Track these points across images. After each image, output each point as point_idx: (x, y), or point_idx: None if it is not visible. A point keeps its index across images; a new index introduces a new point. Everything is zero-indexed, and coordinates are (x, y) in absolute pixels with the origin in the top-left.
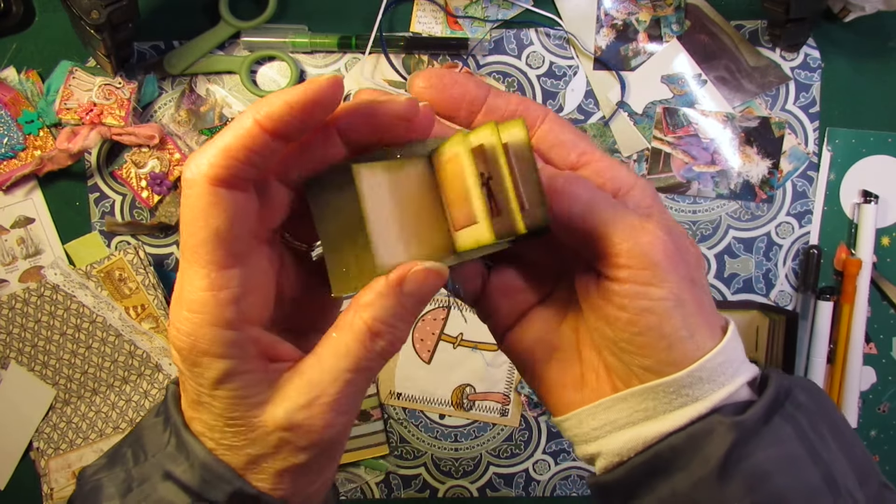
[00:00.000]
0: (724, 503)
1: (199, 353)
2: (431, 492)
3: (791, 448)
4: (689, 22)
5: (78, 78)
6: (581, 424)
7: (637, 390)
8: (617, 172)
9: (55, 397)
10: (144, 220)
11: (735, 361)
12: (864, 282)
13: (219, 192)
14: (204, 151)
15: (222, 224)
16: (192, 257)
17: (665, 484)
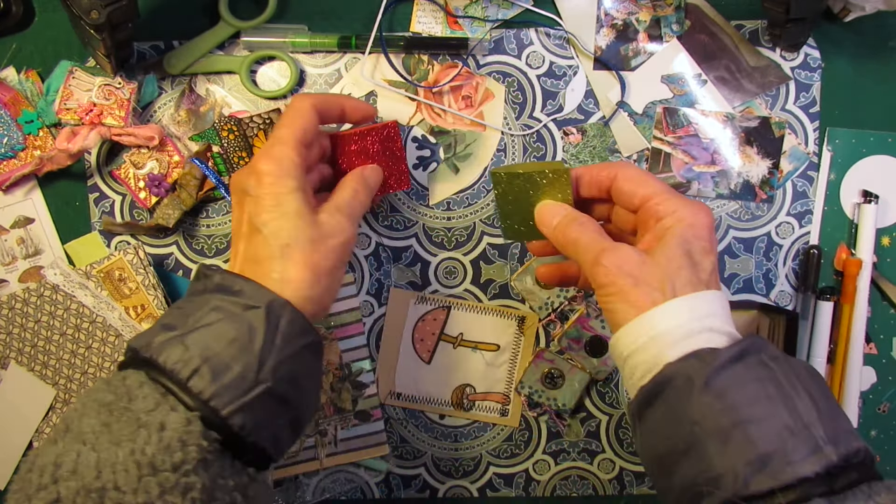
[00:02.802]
0: (702, 410)
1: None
2: (431, 492)
3: (760, 375)
4: (689, 22)
5: (78, 78)
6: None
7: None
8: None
9: (55, 397)
10: (143, 221)
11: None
12: (865, 282)
13: (314, 113)
14: (315, 95)
15: (308, 126)
16: (284, 134)
17: (662, 402)
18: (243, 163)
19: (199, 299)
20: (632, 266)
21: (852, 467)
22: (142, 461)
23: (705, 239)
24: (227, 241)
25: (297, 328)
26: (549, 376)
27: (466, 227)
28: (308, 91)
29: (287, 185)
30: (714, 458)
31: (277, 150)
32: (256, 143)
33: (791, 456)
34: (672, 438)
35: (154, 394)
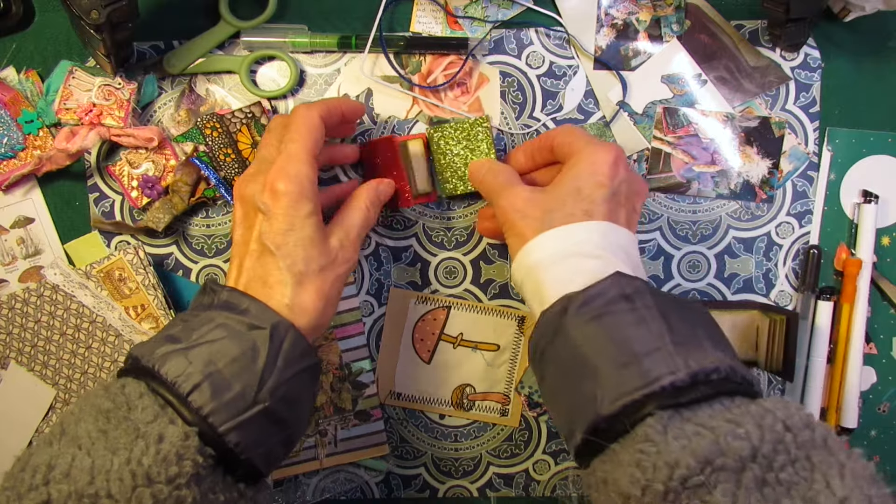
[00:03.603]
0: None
1: (301, 195)
2: (431, 492)
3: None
4: (689, 22)
5: (77, 78)
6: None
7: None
8: (573, 148)
9: (55, 397)
10: (142, 222)
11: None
12: (865, 282)
13: (322, 124)
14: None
15: (319, 138)
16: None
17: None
18: (229, 160)
19: (204, 315)
20: (520, 202)
21: (706, 383)
22: (137, 471)
23: (601, 174)
24: (226, 241)
25: (299, 351)
26: None
27: (466, 227)
28: (308, 91)
29: (304, 209)
30: (580, 388)
31: (294, 168)
32: (240, 139)
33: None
34: (555, 377)
35: (153, 405)
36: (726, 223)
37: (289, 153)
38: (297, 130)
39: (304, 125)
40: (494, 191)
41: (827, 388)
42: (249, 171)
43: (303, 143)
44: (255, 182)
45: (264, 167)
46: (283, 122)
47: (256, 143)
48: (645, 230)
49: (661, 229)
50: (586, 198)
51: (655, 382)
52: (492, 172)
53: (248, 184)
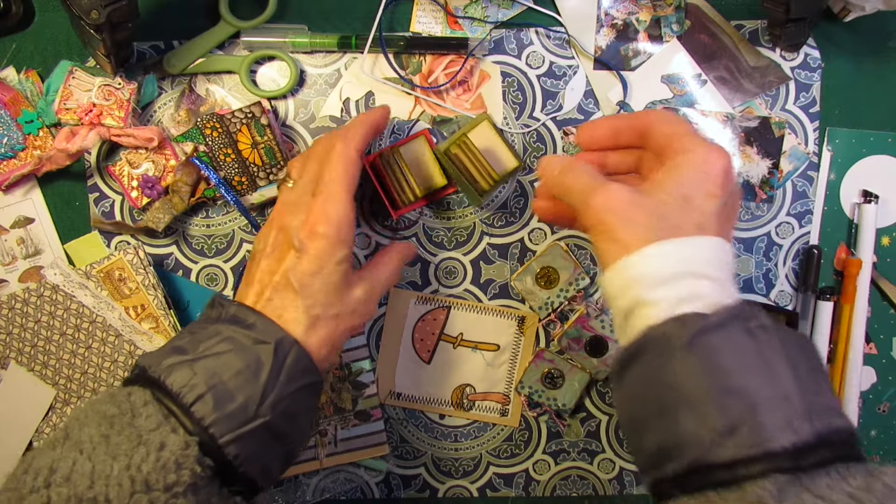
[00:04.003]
0: (678, 375)
1: (339, 240)
2: (431, 492)
3: (742, 344)
4: (689, 22)
5: (77, 78)
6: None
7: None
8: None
9: (55, 397)
10: (142, 222)
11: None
12: (865, 282)
13: (358, 158)
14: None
15: (356, 174)
16: (340, 187)
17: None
18: (229, 160)
19: (212, 328)
20: (620, 204)
21: (827, 445)
22: (136, 477)
23: (713, 182)
24: (226, 241)
25: (302, 367)
26: (549, 376)
27: (466, 227)
28: (308, 90)
29: (337, 255)
30: (683, 423)
31: (334, 210)
32: (240, 139)
33: (760, 428)
34: (647, 401)
35: (157, 414)
36: None
37: (329, 194)
38: (336, 170)
39: (341, 164)
40: (581, 190)
41: None
42: (290, 199)
43: (342, 183)
44: (295, 216)
45: (305, 200)
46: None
47: (256, 143)
48: None
49: None
50: (697, 209)
51: (776, 440)
52: (572, 171)
53: (289, 215)
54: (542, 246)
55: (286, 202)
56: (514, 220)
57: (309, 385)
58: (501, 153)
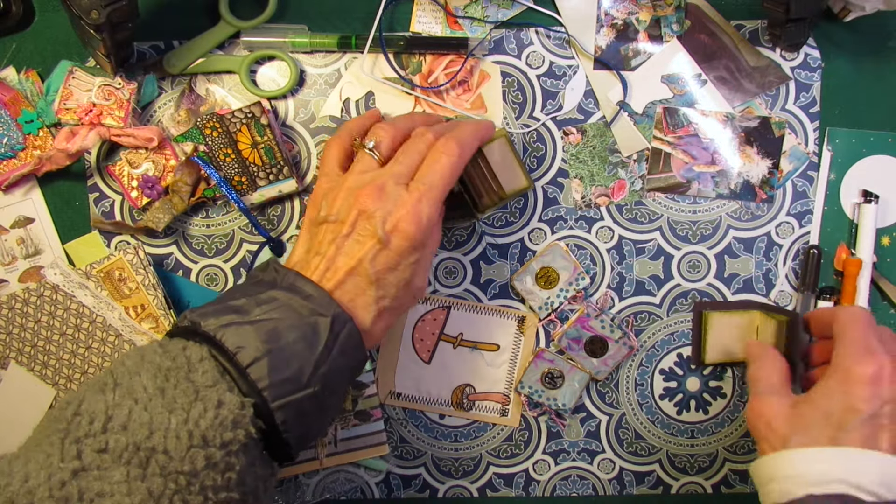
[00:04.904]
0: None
1: (421, 243)
2: (431, 492)
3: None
4: (689, 22)
5: (77, 78)
6: None
7: None
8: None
9: (55, 397)
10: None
11: None
12: (865, 282)
13: (463, 167)
14: (468, 144)
15: (453, 182)
16: (438, 193)
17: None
18: (229, 160)
19: (268, 293)
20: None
21: None
22: (194, 432)
23: (855, 396)
24: (226, 240)
25: (353, 343)
26: (549, 376)
27: (466, 228)
28: (308, 90)
29: (415, 256)
30: None
31: (426, 213)
32: (240, 139)
33: None
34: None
35: (213, 371)
36: (726, 223)
37: (426, 196)
38: (443, 176)
39: (450, 172)
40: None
41: None
42: (372, 177)
43: (442, 190)
44: (382, 203)
45: (397, 191)
46: (428, 147)
47: (256, 143)
48: (645, 230)
49: (661, 229)
50: (834, 424)
51: None
52: (762, 368)
53: (373, 199)
54: (542, 246)
55: (368, 177)
56: (514, 221)
57: (355, 363)
58: (513, 171)
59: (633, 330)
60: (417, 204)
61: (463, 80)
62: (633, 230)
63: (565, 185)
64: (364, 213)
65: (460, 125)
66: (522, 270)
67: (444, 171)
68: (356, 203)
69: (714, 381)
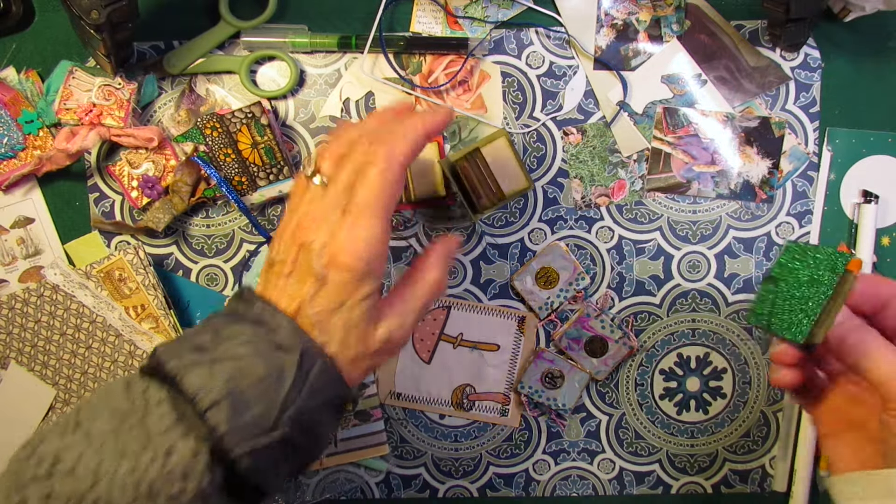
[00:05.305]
0: None
1: (365, 274)
2: (431, 492)
3: None
4: (689, 22)
5: (78, 78)
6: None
7: None
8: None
9: (55, 397)
10: (142, 222)
11: None
12: None
13: (403, 173)
14: (397, 143)
15: (397, 194)
16: (374, 212)
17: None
18: (229, 160)
19: (234, 328)
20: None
21: None
22: (141, 482)
23: None
24: (226, 240)
25: (327, 379)
26: (549, 376)
27: (466, 227)
28: (308, 90)
29: (362, 291)
30: None
31: (364, 237)
32: (240, 139)
33: None
34: None
35: (171, 413)
36: (726, 223)
37: (361, 217)
38: (373, 189)
39: (379, 183)
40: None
41: None
42: (317, 205)
43: (378, 206)
44: (318, 233)
45: (333, 216)
46: (364, 157)
47: (256, 143)
48: (645, 230)
49: (661, 229)
50: None
51: None
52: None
53: (312, 229)
54: (542, 246)
55: (312, 207)
56: (514, 221)
57: (336, 400)
58: (513, 172)
59: (633, 330)
60: (352, 228)
61: (463, 80)
62: (633, 230)
63: (565, 185)
64: (303, 248)
65: (400, 123)
66: (522, 270)
67: (374, 184)
68: (296, 237)
69: (714, 381)
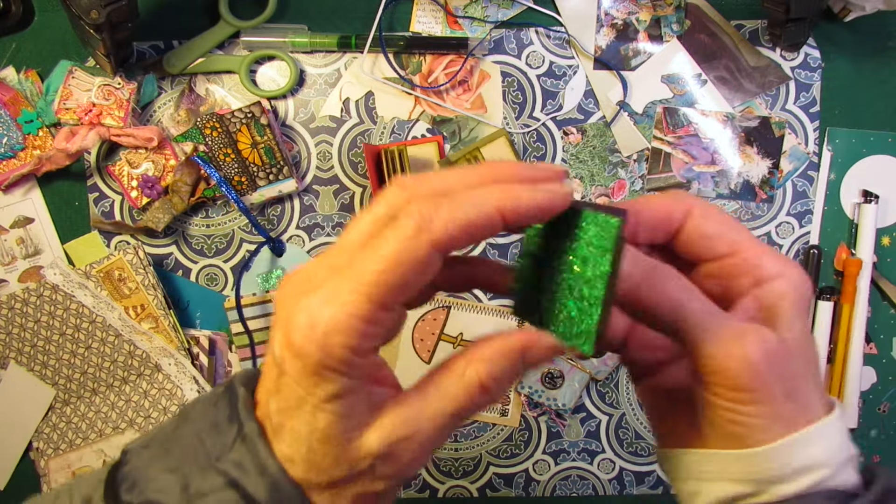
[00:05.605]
0: None
1: (324, 367)
2: (431, 492)
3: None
4: (689, 22)
5: (77, 78)
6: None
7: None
8: (763, 261)
9: (55, 397)
10: (141, 222)
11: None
12: (865, 282)
13: (433, 257)
14: (442, 218)
15: (414, 282)
16: (363, 289)
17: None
18: (229, 160)
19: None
20: (780, 363)
21: None
22: None
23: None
24: (226, 240)
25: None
26: (549, 376)
27: None
28: (308, 90)
29: (323, 390)
30: None
31: (332, 316)
32: (240, 139)
33: None
34: None
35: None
36: None
37: (342, 285)
38: (377, 262)
39: (395, 259)
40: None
41: (827, 388)
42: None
43: (380, 281)
44: (295, 300)
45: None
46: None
47: (256, 143)
48: None
49: None
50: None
51: None
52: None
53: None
54: None
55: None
56: None
57: None
58: None
59: None
60: (321, 306)
61: (463, 79)
62: None
63: None
64: (275, 323)
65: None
66: None
67: (381, 260)
68: (275, 306)
69: None
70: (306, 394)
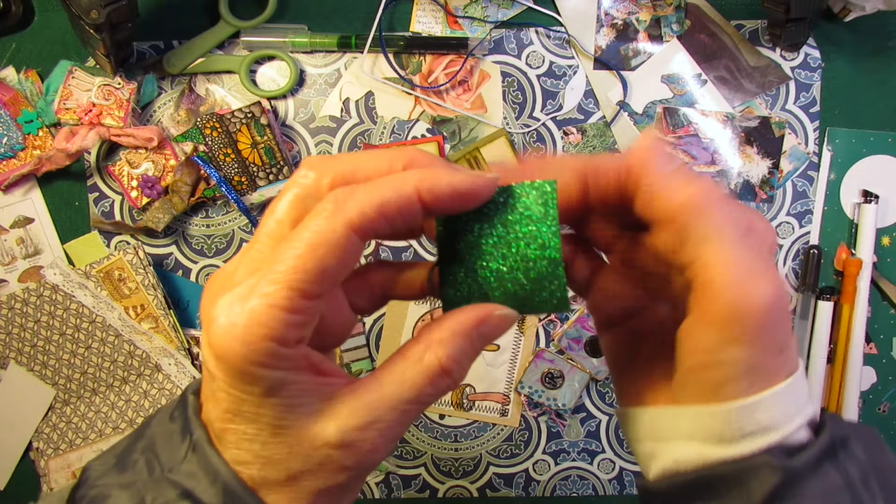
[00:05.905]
0: None
1: (250, 363)
2: (431, 492)
3: (836, 500)
4: (689, 22)
5: (77, 78)
6: (653, 422)
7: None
8: None
9: (55, 397)
10: (141, 222)
11: (795, 404)
12: (865, 282)
13: (352, 241)
14: (357, 199)
15: (335, 266)
16: (281, 277)
17: None
18: (229, 160)
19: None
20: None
21: None
22: None
23: None
24: (226, 240)
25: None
26: (549, 376)
27: None
28: (308, 90)
29: (257, 387)
30: None
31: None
32: (240, 139)
33: None
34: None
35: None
36: None
37: (263, 277)
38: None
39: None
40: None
41: (827, 388)
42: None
43: (296, 276)
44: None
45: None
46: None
47: (256, 143)
48: None
49: None
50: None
51: None
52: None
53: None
54: None
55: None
56: None
57: None
58: None
59: None
60: (242, 300)
61: (463, 79)
62: None
63: None
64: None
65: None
66: None
67: (298, 246)
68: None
69: None
70: (243, 394)
